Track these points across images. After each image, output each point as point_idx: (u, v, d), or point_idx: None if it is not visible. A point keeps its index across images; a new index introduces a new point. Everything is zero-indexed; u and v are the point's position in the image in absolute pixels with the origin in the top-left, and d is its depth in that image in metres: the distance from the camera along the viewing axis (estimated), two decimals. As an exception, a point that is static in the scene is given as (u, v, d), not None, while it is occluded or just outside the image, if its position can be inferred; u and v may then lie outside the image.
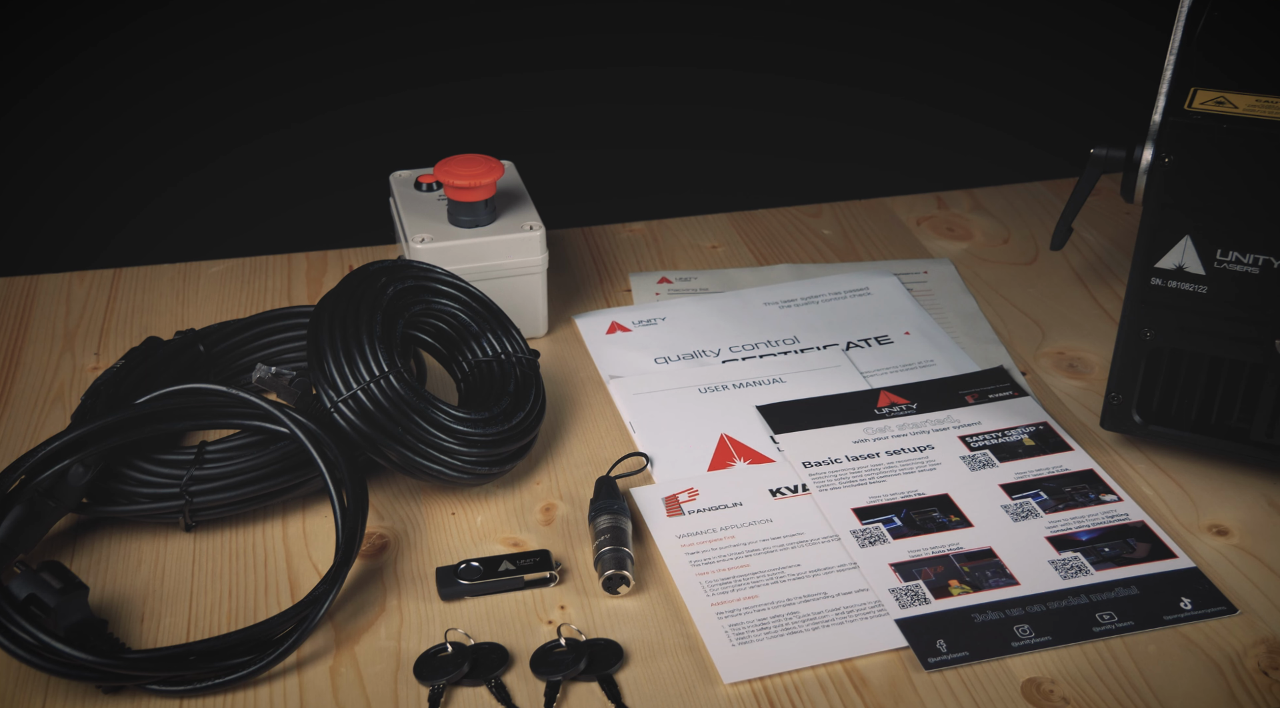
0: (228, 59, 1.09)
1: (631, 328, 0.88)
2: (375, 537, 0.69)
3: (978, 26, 1.21)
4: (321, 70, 1.11)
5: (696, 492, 0.73)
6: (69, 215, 1.12)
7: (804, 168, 1.21)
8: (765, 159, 1.22)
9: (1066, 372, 0.83)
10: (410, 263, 0.76)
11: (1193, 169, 0.66)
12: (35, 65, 1.07)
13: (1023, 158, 1.16)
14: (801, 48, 1.19)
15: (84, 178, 1.12)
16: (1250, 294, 0.67)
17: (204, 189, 1.13)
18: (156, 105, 1.10)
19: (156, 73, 1.09)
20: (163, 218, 1.13)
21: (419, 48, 1.12)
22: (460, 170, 0.81)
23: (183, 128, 1.11)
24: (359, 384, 0.67)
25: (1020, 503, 0.72)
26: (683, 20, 1.16)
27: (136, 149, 1.12)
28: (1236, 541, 0.69)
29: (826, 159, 1.22)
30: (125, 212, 1.13)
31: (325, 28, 1.09)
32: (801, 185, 1.12)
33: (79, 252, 1.08)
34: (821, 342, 0.87)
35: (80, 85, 1.08)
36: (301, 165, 1.14)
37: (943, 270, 0.95)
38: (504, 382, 0.75)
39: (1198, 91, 0.67)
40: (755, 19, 1.17)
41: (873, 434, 0.78)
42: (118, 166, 1.12)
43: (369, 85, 1.12)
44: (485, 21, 1.12)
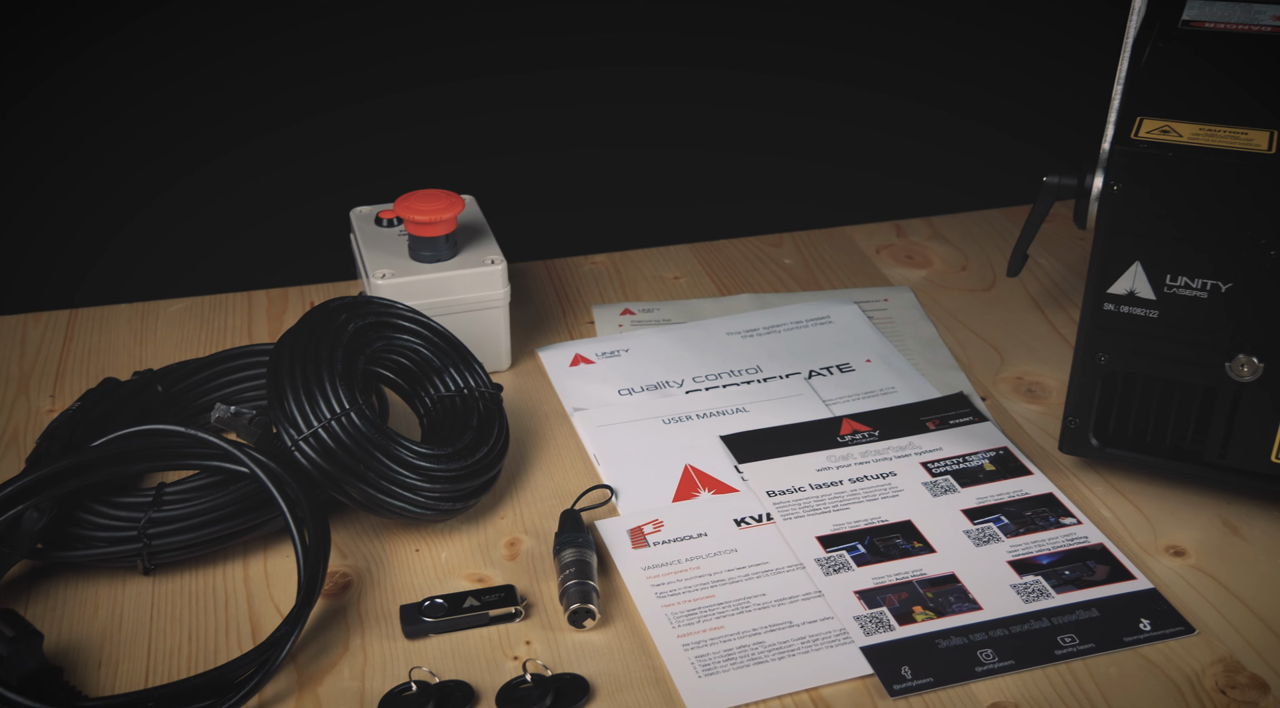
0: (168, 100, 1.09)
1: (595, 360, 0.89)
2: (338, 575, 0.69)
3: (933, 54, 1.22)
4: (274, 100, 1.11)
5: (661, 523, 0.73)
6: (23, 256, 1.11)
7: (764, 198, 1.23)
8: (726, 190, 1.23)
9: (1025, 396, 0.84)
10: (371, 299, 0.76)
11: (1140, 196, 0.67)
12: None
13: (980, 185, 1.17)
14: (760, 77, 1.21)
15: (42, 219, 1.12)
16: (1200, 318, 0.68)
17: (162, 227, 1.13)
18: (104, 143, 1.09)
19: (101, 113, 1.08)
20: (119, 257, 1.12)
21: (377, 86, 1.12)
22: (420, 206, 0.81)
23: (133, 166, 1.10)
24: (320, 422, 0.67)
25: (982, 528, 0.72)
26: (638, 54, 1.17)
27: (89, 189, 1.11)
28: (1193, 561, 0.70)
29: (786, 189, 1.23)
30: (82, 252, 1.12)
31: (277, 55, 1.09)
32: (762, 215, 1.13)
33: (33, 292, 1.07)
34: (784, 370, 0.87)
35: (31, 127, 1.08)
36: (257, 196, 1.14)
37: (902, 298, 0.96)
38: (467, 416, 0.75)
39: (1144, 121, 0.69)
40: (711, 50, 1.18)
41: (835, 462, 0.78)
42: (73, 207, 1.11)
43: (327, 124, 1.12)
44: (440, 59, 1.13)
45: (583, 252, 1.02)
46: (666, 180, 1.22)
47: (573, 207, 1.20)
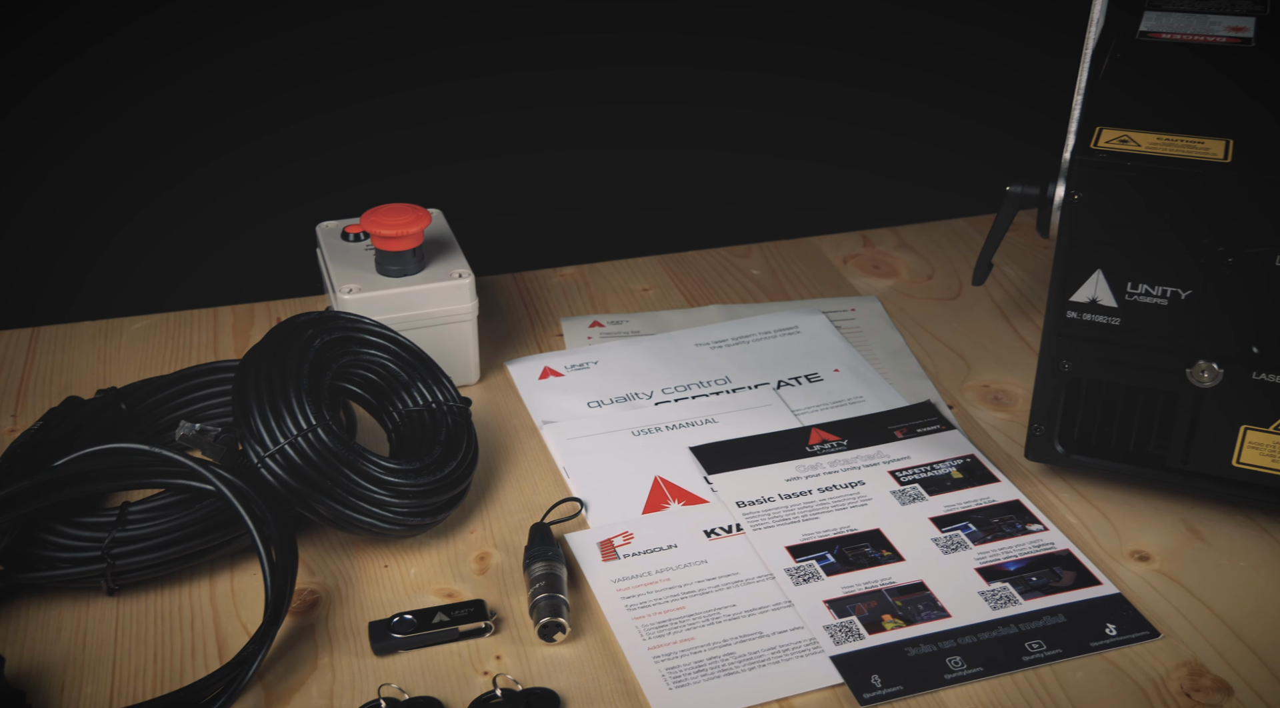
0: (130, 122, 1.08)
1: (564, 373, 0.89)
2: (306, 593, 0.68)
3: (895, 67, 1.23)
4: (235, 117, 1.11)
5: (631, 535, 0.73)
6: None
7: (732, 209, 1.23)
8: (694, 201, 1.23)
9: (991, 404, 0.85)
10: (337, 314, 0.76)
11: (1100, 205, 0.68)
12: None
13: (945, 194, 1.18)
14: (726, 89, 1.21)
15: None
16: (1161, 325, 0.69)
17: (127, 244, 1.12)
18: (65, 161, 1.08)
19: (66, 133, 1.07)
20: (83, 275, 1.11)
21: (337, 99, 1.11)
22: (387, 220, 0.81)
23: (95, 187, 1.10)
24: (286, 438, 0.67)
25: (950, 535, 0.73)
26: (605, 58, 1.17)
27: (49, 206, 1.10)
28: (1157, 565, 0.70)
29: (754, 199, 1.24)
30: (44, 270, 1.11)
31: (233, 73, 1.09)
32: (730, 226, 1.13)
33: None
34: (752, 381, 0.88)
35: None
36: (223, 212, 1.13)
37: (870, 307, 0.97)
38: (435, 431, 0.75)
39: (1103, 130, 0.69)
40: (678, 53, 1.19)
41: (804, 472, 0.78)
42: (33, 224, 1.10)
43: (290, 138, 1.12)
44: (403, 70, 1.12)
45: (551, 264, 1.02)
46: (636, 193, 1.23)
47: (541, 219, 1.20)
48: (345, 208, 0.91)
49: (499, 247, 1.08)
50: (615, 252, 1.04)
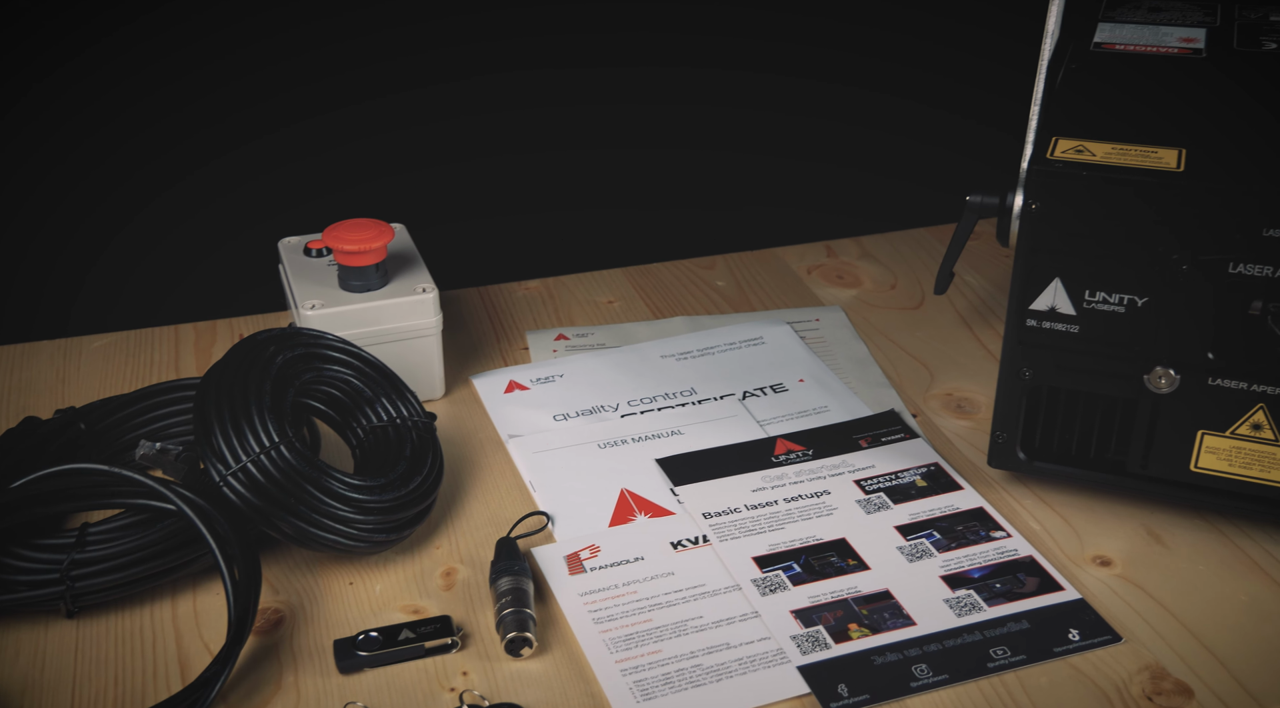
0: (97, 146, 1.07)
1: (530, 386, 0.88)
2: (270, 612, 0.68)
3: (859, 74, 1.24)
4: (197, 136, 1.10)
5: (598, 548, 0.73)
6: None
7: (697, 220, 1.23)
8: (658, 213, 1.24)
9: (955, 412, 0.86)
10: (300, 330, 0.75)
11: (1057, 214, 0.69)
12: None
13: (908, 204, 1.19)
14: (690, 103, 1.22)
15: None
16: (1118, 332, 0.70)
17: (87, 261, 1.11)
18: (18, 178, 1.07)
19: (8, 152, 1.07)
20: (41, 293, 1.10)
21: (295, 113, 1.11)
22: (349, 235, 0.81)
23: (54, 202, 1.08)
24: (249, 456, 0.66)
25: (915, 544, 0.73)
26: (567, 63, 1.17)
27: (6, 223, 1.09)
28: (1119, 570, 0.71)
29: (718, 210, 1.25)
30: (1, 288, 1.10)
31: (188, 96, 1.08)
32: (695, 238, 1.13)
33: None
34: (718, 392, 0.88)
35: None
36: (186, 230, 1.12)
37: (834, 317, 0.97)
38: (400, 446, 0.74)
39: (1059, 140, 0.70)
40: (641, 59, 1.19)
41: (770, 482, 0.79)
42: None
43: (256, 153, 1.11)
44: (361, 81, 1.12)
45: (516, 278, 1.02)
46: (601, 206, 1.23)
47: (506, 233, 1.20)
48: (308, 223, 0.91)
49: (464, 261, 1.08)
50: (580, 264, 1.04)
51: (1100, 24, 0.83)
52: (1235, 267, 0.66)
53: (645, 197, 1.24)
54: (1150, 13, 0.84)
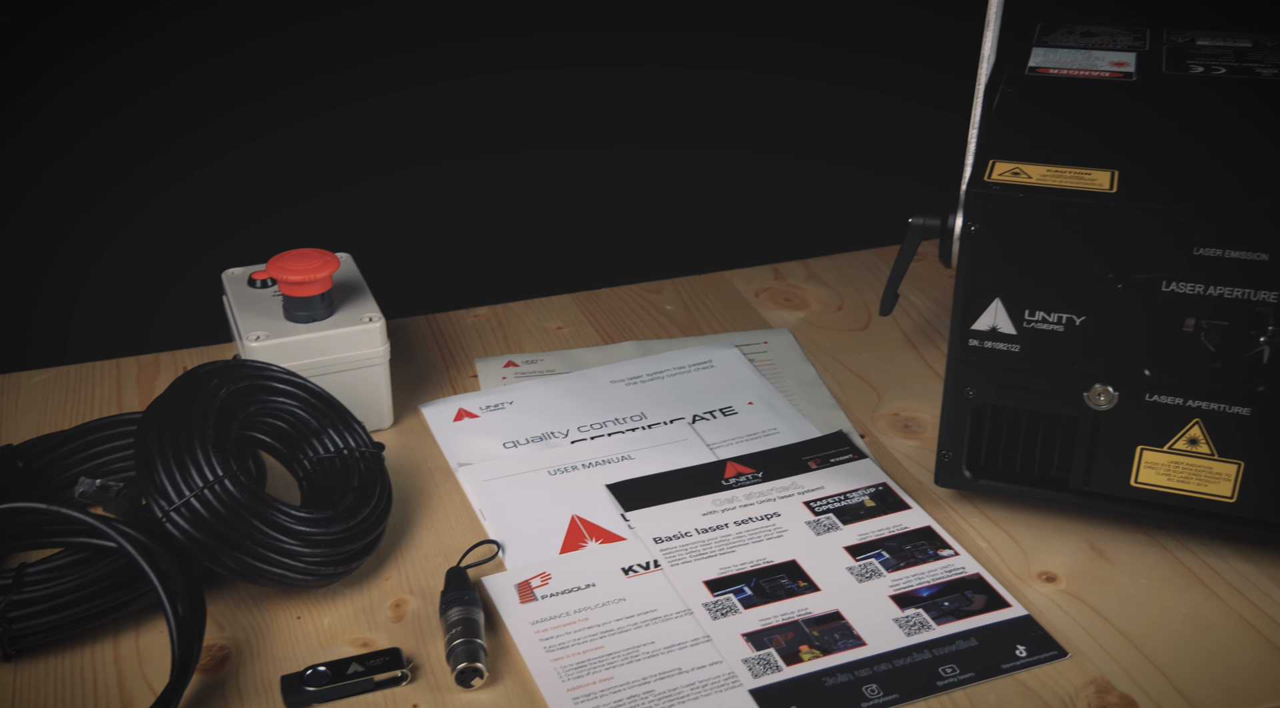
0: (18, 172, 1.06)
1: (479, 414, 0.88)
2: (215, 649, 0.67)
3: (801, 93, 1.26)
4: (149, 167, 1.09)
5: (549, 576, 0.73)
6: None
7: (645, 245, 1.24)
8: (607, 237, 1.24)
9: (902, 432, 0.87)
10: (244, 362, 0.74)
11: (996, 236, 0.70)
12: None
13: (853, 226, 1.20)
14: (637, 129, 1.22)
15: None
16: (1058, 351, 0.71)
17: (24, 294, 1.09)
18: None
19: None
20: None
21: (238, 138, 1.10)
22: (294, 265, 0.80)
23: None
24: (192, 491, 0.65)
25: (864, 564, 0.74)
26: (509, 100, 1.17)
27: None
28: (1064, 586, 0.72)
29: (666, 235, 1.25)
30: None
31: (127, 132, 1.07)
32: (643, 262, 1.14)
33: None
34: (668, 416, 0.88)
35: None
36: (129, 261, 1.11)
37: (782, 340, 0.98)
38: (347, 477, 0.74)
39: (996, 163, 0.72)
40: (582, 116, 1.20)
41: (721, 505, 0.79)
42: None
43: (198, 186, 1.10)
44: (300, 103, 1.11)
45: (464, 305, 1.02)
46: (550, 232, 1.23)
47: (454, 261, 1.20)
48: (252, 253, 0.90)
49: (411, 289, 1.08)
50: (529, 291, 1.04)
51: (1035, 49, 0.84)
52: (1168, 285, 0.67)
53: (595, 223, 1.24)
54: (1082, 37, 0.86)
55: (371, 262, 0.91)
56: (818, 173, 1.27)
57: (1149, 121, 0.74)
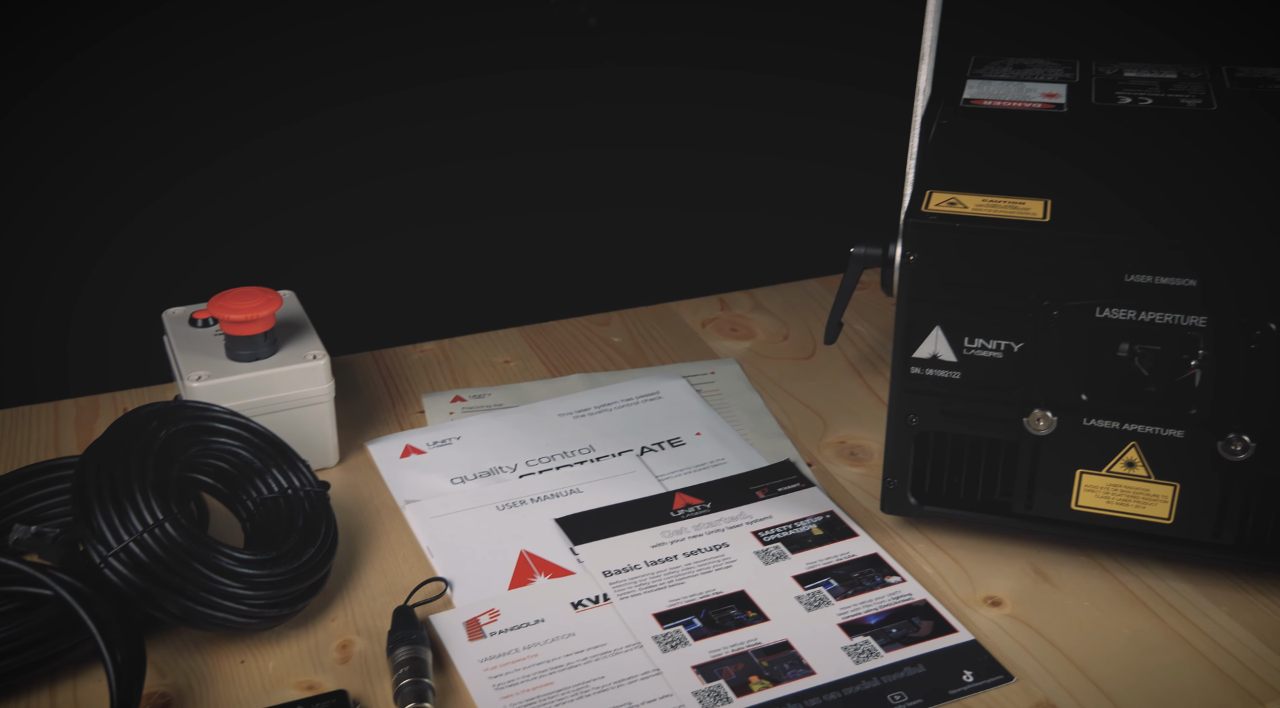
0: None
1: (426, 450, 0.88)
2: (156, 697, 0.66)
3: (738, 129, 1.27)
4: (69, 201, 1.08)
5: (498, 612, 0.73)
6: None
7: (592, 277, 1.24)
8: (554, 270, 1.25)
9: (848, 460, 0.87)
10: (184, 403, 0.74)
11: (934, 265, 0.71)
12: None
13: (797, 255, 1.22)
14: (580, 164, 1.23)
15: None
16: (997, 377, 0.72)
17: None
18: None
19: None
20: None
21: (175, 174, 1.09)
22: (235, 304, 0.80)
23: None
24: (131, 535, 0.64)
25: (813, 592, 0.74)
26: (455, 136, 1.18)
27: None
28: (1009, 610, 0.73)
29: (613, 267, 1.26)
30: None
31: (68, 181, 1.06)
32: (590, 295, 1.14)
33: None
34: (616, 448, 0.88)
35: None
36: (66, 298, 1.09)
37: (729, 370, 0.99)
38: (292, 517, 0.73)
39: (933, 193, 0.73)
40: (515, 165, 1.20)
41: (670, 537, 0.79)
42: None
43: (142, 225, 1.09)
44: (231, 132, 1.10)
45: (411, 340, 1.02)
46: (496, 264, 1.23)
47: (400, 296, 1.19)
48: (194, 292, 0.89)
49: (357, 325, 1.07)
50: (476, 325, 1.04)
51: (969, 80, 0.86)
52: (1101, 311, 0.69)
53: (542, 256, 1.24)
54: (1015, 69, 0.88)
55: (316, 299, 0.91)
56: (764, 203, 1.29)
57: (1079, 151, 0.76)
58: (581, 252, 1.25)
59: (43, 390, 0.93)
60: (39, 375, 1.06)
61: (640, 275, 1.23)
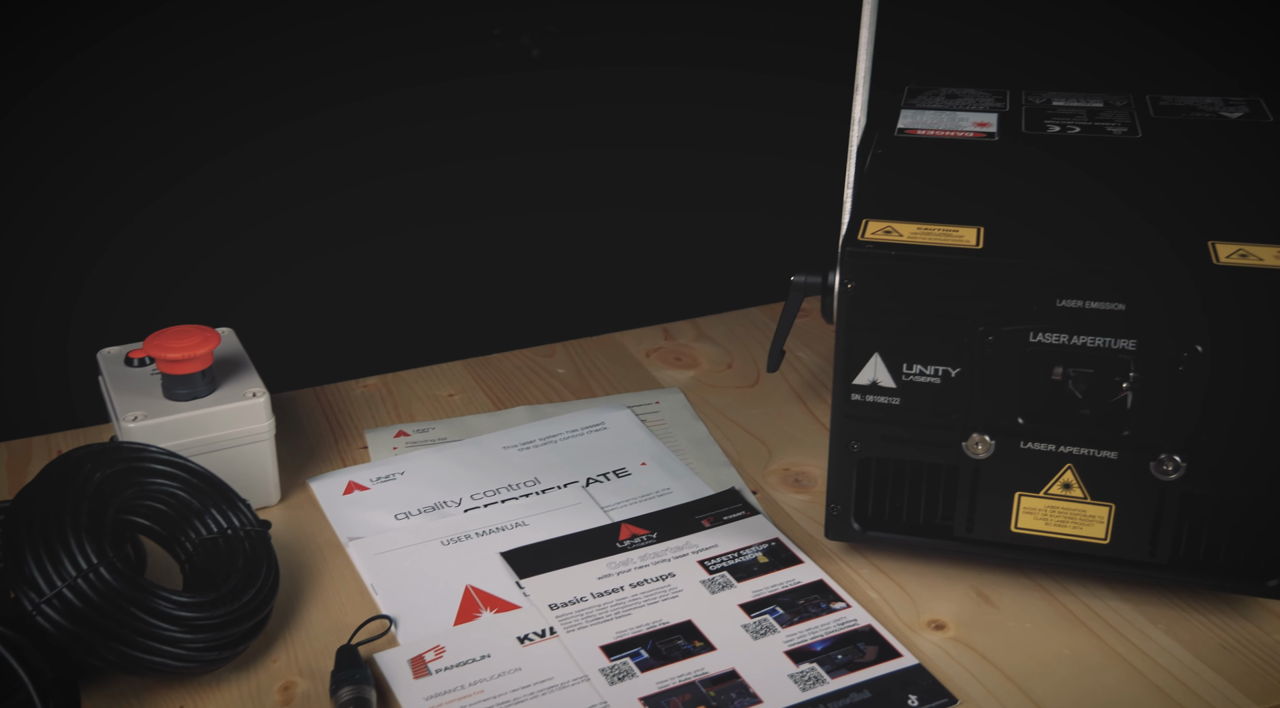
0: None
1: (369, 486, 0.87)
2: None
3: (679, 160, 1.28)
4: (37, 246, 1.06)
5: (443, 649, 0.72)
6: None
7: (536, 308, 1.24)
8: (498, 301, 1.24)
9: (793, 487, 0.88)
10: (120, 444, 0.72)
11: (872, 293, 0.72)
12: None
13: (741, 284, 1.23)
14: (521, 192, 1.23)
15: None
16: (936, 402, 0.73)
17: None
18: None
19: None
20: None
21: (120, 217, 1.08)
22: (172, 343, 0.79)
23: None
24: (64, 581, 0.63)
25: (759, 620, 0.74)
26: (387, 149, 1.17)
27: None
28: (953, 633, 0.73)
29: (557, 298, 1.26)
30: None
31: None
32: (534, 326, 1.14)
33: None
34: (562, 480, 0.88)
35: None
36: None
37: (673, 399, 0.99)
38: (231, 558, 0.72)
39: (869, 222, 0.74)
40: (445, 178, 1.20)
41: (616, 569, 0.79)
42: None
43: (73, 266, 1.08)
44: (159, 173, 1.10)
45: (353, 375, 1.01)
46: (440, 297, 1.23)
47: (342, 331, 1.18)
48: (130, 331, 0.88)
49: (299, 362, 1.06)
50: (419, 359, 1.04)
51: (903, 110, 0.88)
52: (1035, 336, 0.70)
53: (486, 289, 1.24)
54: (947, 99, 0.89)
55: (258, 336, 0.90)
56: (705, 232, 1.30)
57: (1011, 179, 0.77)
58: (525, 284, 1.25)
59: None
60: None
61: (584, 306, 1.23)
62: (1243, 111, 0.84)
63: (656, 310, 1.13)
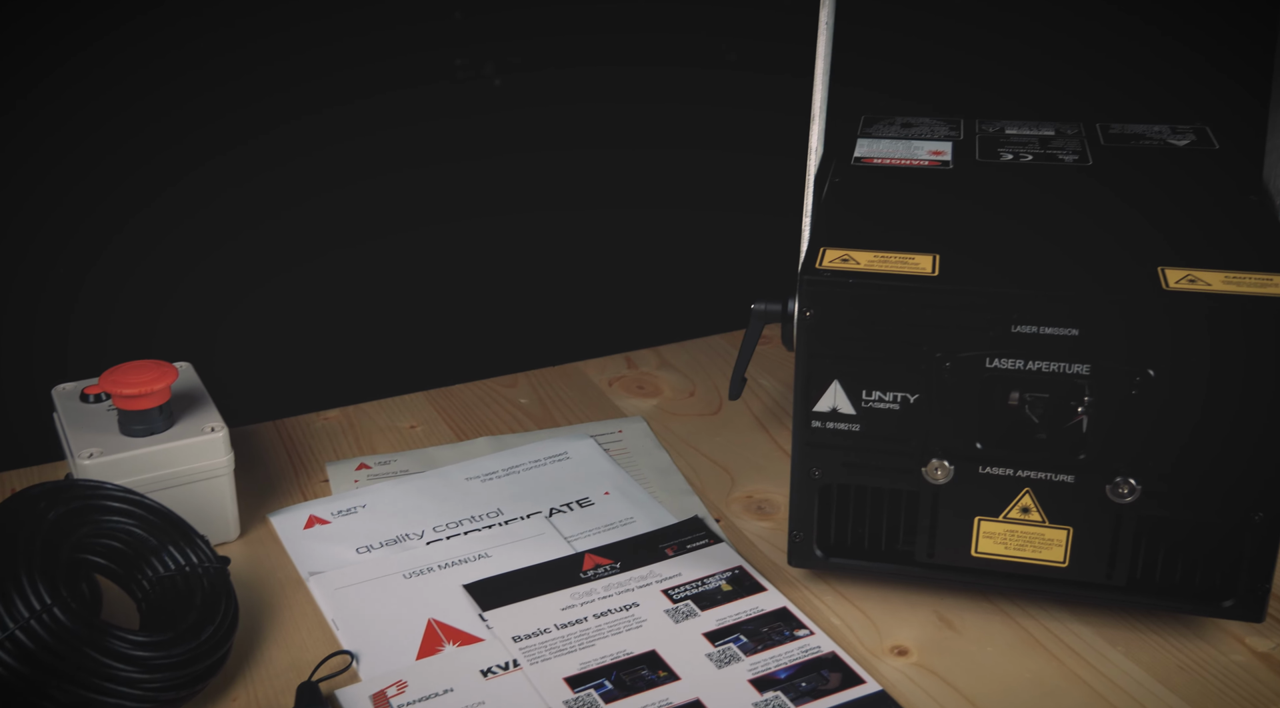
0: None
1: (330, 520, 0.86)
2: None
3: (640, 186, 1.29)
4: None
5: (405, 684, 0.71)
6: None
7: (497, 338, 1.24)
8: (459, 332, 1.24)
9: (755, 514, 0.88)
10: (74, 482, 0.71)
11: (830, 320, 0.73)
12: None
13: (703, 312, 1.23)
14: (483, 220, 1.23)
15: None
16: (895, 428, 0.74)
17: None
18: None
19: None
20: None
21: (82, 263, 1.07)
22: (128, 378, 0.78)
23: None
24: (16, 623, 0.62)
25: (723, 649, 0.74)
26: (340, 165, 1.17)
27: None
28: (915, 658, 0.74)
29: (518, 328, 1.26)
30: None
31: None
32: (496, 356, 1.14)
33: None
34: (525, 511, 0.88)
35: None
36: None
37: (636, 428, 0.99)
38: (190, 595, 0.71)
39: (826, 250, 0.75)
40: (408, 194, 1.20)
41: (579, 599, 0.79)
42: None
43: (24, 302, 1.06)
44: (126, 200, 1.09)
45: (313, 408, 1.00)
46: (401, 327, 1.22)
47: (302, 364, 1.18)
48: (86, 367, 0.87)
49: (258, 395, 1.05)
50: (380, 391, 1.03)
51: (859, 139, 0.89)
52: (991, 362, 0.71)
53: (446, 318, 1.24)
54: (903, 128, 0.91)
55: (216, 370, 0.89)
56: (667, 260, 1.30)
57: (965, 207, 0.78)
58: (487, 313, 1.25)
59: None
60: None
61: (546, 336, 1.23)
62: (1189, 139, 0.86)
63: (619, 339, 1.13)
